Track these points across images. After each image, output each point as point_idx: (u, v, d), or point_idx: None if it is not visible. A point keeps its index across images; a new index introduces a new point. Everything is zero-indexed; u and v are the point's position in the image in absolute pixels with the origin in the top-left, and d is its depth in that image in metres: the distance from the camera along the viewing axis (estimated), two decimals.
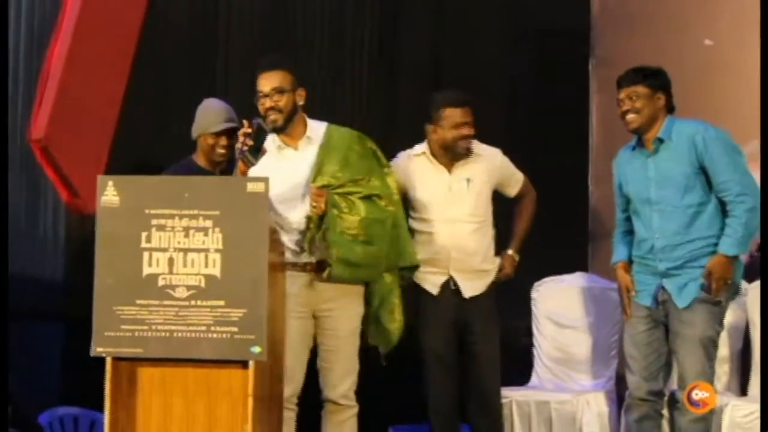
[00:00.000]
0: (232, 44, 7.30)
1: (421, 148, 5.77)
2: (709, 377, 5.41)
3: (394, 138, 7.53)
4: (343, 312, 5.23)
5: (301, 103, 5.21)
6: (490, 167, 5.76)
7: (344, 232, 5.10)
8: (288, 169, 5.13)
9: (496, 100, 7.36)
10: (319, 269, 5.14)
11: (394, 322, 5.34)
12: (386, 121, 7.67)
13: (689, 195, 5.40)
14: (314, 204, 5.07)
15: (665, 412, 5.67)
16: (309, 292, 5.19)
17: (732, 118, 6.54)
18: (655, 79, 5.48)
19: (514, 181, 5.87)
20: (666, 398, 5.64)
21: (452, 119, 5.66)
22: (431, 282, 5.69)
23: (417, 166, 5.75)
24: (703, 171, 5.39)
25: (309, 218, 5.11)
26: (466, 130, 5.67)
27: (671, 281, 5.42)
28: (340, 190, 5.14)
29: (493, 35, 7.60)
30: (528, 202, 5.90)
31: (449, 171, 5.73)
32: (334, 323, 5.21)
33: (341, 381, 5.23)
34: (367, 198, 5.20)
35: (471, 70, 7.47)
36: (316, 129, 5.27)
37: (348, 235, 5.11)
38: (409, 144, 5.94)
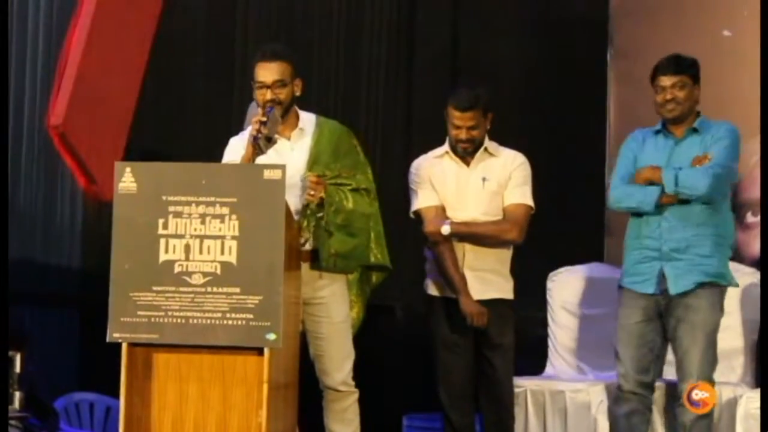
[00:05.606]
0: (251, 32, 7.30)
1: (444, 148, 5.75)
2: (713, 366, 5.42)
3: (412, 129, 7.57)
4: (335, 299, 5.22)
5: (297, 93, 5.22)
6: (508, 168, 5.70)
7: (338, 223, 5.10)
8: (281, 159, 5.07)
9: (514, 91, 7.35)
10: (314, 258, 5.13)
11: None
12: (404, 112, 7.67)
13: None
14: (312, 192, 5.06)
15: (655, 405, 5.66)
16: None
17: (749, 110, 6.52)
18: (697, 72, 5.48)
19: (513, 189, 5.65)
20: (663, 391, 5.66)
21: (453, 120, 5.62)
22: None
23: (439, 166, 5.71)
24: None
25: (306, 206, 5.10)
26: (463, 134, 5.61)
27: (672, 266, 5.41)
28: (332, 181, 5.15)
29: (511, 26, 7.58)
30: (504, 225, 5.60)
31: (468, 166, 5.71)
32: (327, 310, 5.20)
33: (340, 368, 5.21)
34: (356, 191, 5.21)
35: (488, 60, 7.46)
36: (307, 120, 5.28)
37: (340, 225, 5.11)
38: (426, 135, 5.92)
